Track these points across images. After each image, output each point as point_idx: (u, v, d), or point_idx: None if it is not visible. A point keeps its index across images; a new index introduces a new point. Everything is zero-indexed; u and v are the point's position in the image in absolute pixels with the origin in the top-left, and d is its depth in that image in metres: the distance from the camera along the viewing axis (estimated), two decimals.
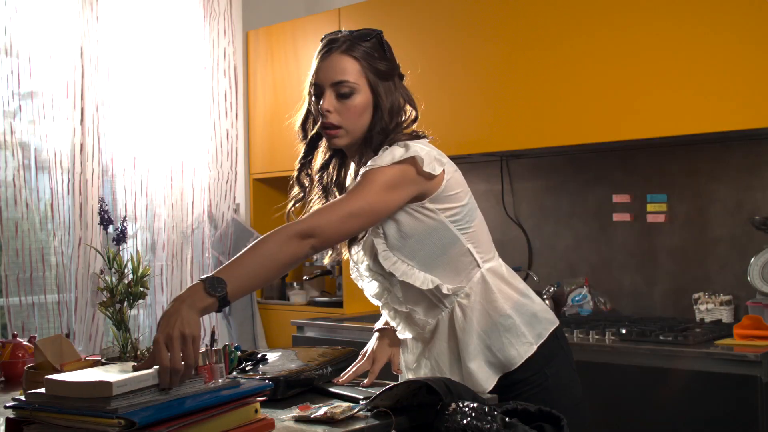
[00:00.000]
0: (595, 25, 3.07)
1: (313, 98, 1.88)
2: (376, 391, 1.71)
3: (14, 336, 2.44)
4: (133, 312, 2.41)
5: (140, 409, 1.31)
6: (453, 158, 3.93)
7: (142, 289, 1.91)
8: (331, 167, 1.95)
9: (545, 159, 3.61)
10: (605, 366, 2.73)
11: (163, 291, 3.85)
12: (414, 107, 1.95)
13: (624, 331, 2.83)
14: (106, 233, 2.03)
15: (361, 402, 1.68)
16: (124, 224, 1.98)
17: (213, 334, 1.97)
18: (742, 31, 2.75)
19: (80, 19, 3.56)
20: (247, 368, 1.99)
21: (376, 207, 1.73)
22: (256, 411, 1.49)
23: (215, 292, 1.53)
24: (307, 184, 1.95)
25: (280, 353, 2.14)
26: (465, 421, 1.48)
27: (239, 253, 1.62)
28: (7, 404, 1.42)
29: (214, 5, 4.07)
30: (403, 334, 1.98)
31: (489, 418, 1.48)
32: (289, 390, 1.86)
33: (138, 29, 3.79)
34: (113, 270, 1.90)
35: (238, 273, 1.57)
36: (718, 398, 2.49)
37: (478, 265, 1.85)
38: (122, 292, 1.88)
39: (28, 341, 2.36)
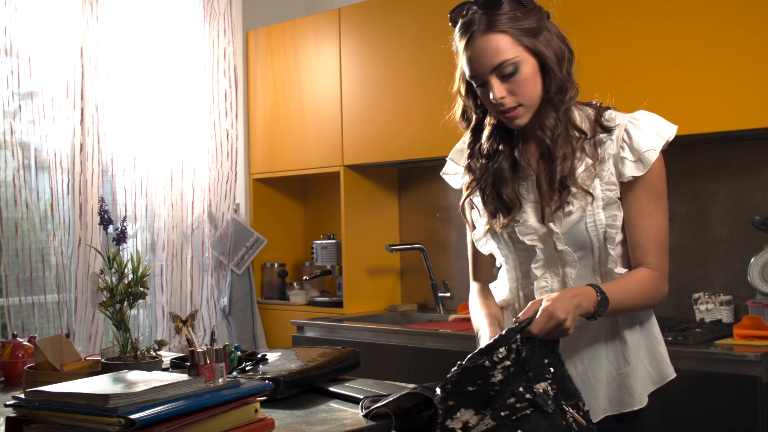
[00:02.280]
0: (594, 25, 3.07)
1: (477, 89, 1.70)
2: (376, 390, 1.71)
3: (14, 336, 2.44)
4: (133, 312, 2.41)
5: (140, 408, 1.31)
6: None
7: (142, 289, 1.91)
8: (500, 147, 1.77)
9: None
10: None
11: (163, 291, 3.85)
12: (567, 46, 1.73)
13: None
14: (106, 233, 2.03)
15: (363, 401, 1.68)
16: (124, 224, 1.99)
17: (213, 334, 1.97)
18: (742, 31, 2.75)
19: (80, 19, 3.56)
20: (247, 368, 1.99)
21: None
22: (256, 411, 1.49)
23: (598, 311, 1.60)
24: (476, 171, 1.80)
25: (280, 353, 2.15)
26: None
27: (626, 281, 1.66)
28: (8, 403, 1.43)
29: (214, 5, 4.07)
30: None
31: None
32: (289, 390, 1.86)
33: (138, 29, 3.79)
34: (113, 270, 1.90)
35: (619, 300, 1.62)
36: (718, 398, 2.49)
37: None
38: (122, 292, 1.88)
39: (28, 341, 2.36)
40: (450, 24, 1.74)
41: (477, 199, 1.84)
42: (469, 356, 1.53)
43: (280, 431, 1.54)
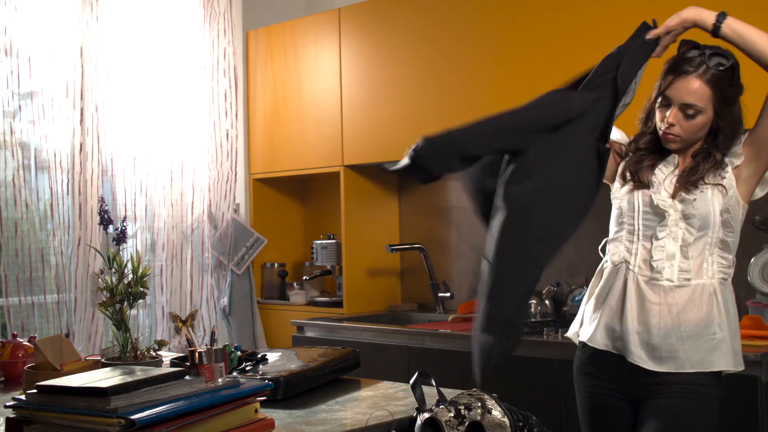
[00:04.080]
0: (594, 25, 3.07)
1: (660, 104, 2.06)
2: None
3: (14, 336, 2.44)
4: (133, 312, 2.41)
5: (140, 408, 1.31)
6: None
7: (142, 289, 1.91)
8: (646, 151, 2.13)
9: None
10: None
11: (163, 291, 3.85)
12: (741, 123, 2.12)
13: None
14: (106, 233, 2.03)
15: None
16: (124, 224, 1.99)
17: (213, 334, 1.97)
18: None
19: (80, 19, 3.56)
20: (247, 368, 1.99)
21: None
22: (256, 411, 1.49)
23: (718, 18, 2.01)
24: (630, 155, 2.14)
25: (280, 353, 2.15)
26: None
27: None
28: (7, 404, 1.43)
29: (214, 5, 4.07)
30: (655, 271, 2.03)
31: None
32: (289, 390, 1.86)
33: (138, 29, 3.79)
34: (113, 270, 1.90)
35: (743, 26, 2.05)
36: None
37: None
38: (122, 292, 1.88)
39: (28, 341, 2.36)
40: (680, 45, 2.10)
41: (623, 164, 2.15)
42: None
43: (280, 431, 1.54)
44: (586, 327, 2.10)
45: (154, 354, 1.93)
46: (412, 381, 1.63)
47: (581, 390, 2.12)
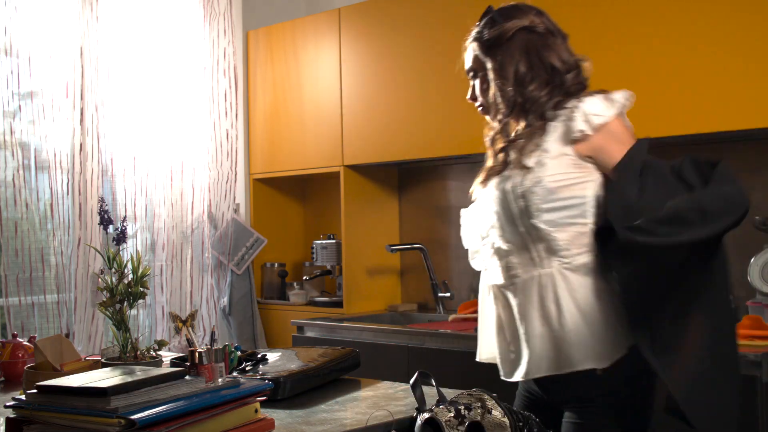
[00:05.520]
0: (595, 25, 3.07)
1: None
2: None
3: (14, 336, 2.44)
4: (133, 312, 2.41)
5: (140, 408, 1.31)
6: (454, 158, 3.94)
7: (142, 289, 1.91)
8: None
9: None
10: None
11: (163, 291, 3.85)
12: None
13: None
14: (106, 233, 2.03)
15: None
16: (124, 224, 1.99)
17: (213, 334, 1.97)
18: (742, 31, 2.75)
19: (80, 19, 3.56)
20: (247, 368, 1.99)
21: None
22: (256, 411, 1.49)
23: None
24: None
25: (280, 353, 2.15)
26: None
27: None
28: (7, 404, 1.43)
29: (214, 5, 4.07)
30: (490, 278, 1.92)
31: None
32: (289, 390, 1.86)
33: (138, 29, 3.79)
34: (113, 270, 1.90)
35: None
36: None
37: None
38: (122, 292, 1.88)
39: (28, 341, 2.36)
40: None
41: None
42: None
43: (280, 431, 1.54)
44: None
45: (154, 354, 1.93)
46: (412, 381, 1.63)
47: None
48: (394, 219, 4.10)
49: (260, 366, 2.00)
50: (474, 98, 2.02)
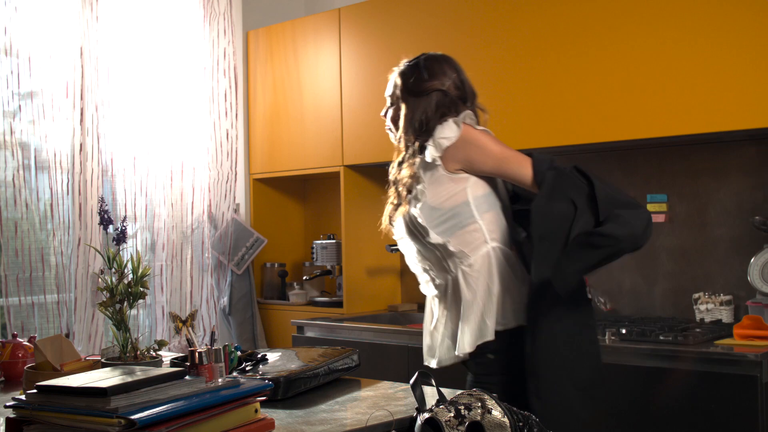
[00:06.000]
0: (595, 25, 3.07)
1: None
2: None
3: (14, 336, 2.44)
4: (133, 312, 2.41)
5: (140, 408, 1.31)
6: None
7: (142, 289, 1.91)
8: None
9: None
10: (605, 366, 2.73)
11: (163, 291, 3.85)
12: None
13: (624, 331, 2.83)
14: (106, 233, 2.03)
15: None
16: (124, 224, 1.99)
17: (213, 334, 1.97)
18: (742, 31, 2.75)
19: (80, 19, 3.56)
20: (247, 368, 1.99)
21: None
22: (256, 411, 1.49)
23: None
24: None
25: (280, 353, 2.15)
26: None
27: None
28: (7, 404, 1.43)
29: (214, 5, 4.07)
30: (426, 290, 2.33)
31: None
32: (289, 390, 1.86)
33: (138, 29, 3.79)
34: (113, 270, 1.90)
35: None
36: (718, 398, 2.49)
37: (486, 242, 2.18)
38: (122, 292, 1.88)
39: (28, 341, 2.36)
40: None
41: None
42: None
43: (280, 431, 1.54)
44: None
45: (154, 354, 1.93)
46: (412, 381, 1.63)
47: None
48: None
49: (260, 366, 2.00)
50: (386, 116, 2.43)
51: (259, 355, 2.08)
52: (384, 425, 1.57)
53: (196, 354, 1.55)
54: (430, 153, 2.20)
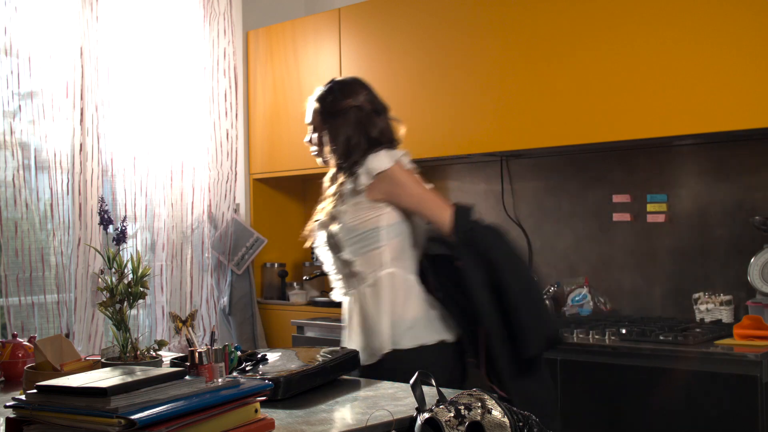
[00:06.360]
0: (594, 25, 3.07)
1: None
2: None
3: (14, 336, 2.44)
4: (133, 312, 2.41)
5: (140, 408, 1.31)
6: (453, 158, 3.93)
7: (142, 289, 1.91)
8: None
9: (545, 159, 3.61)
10: (605, 366, 2.73)
11: (163, 291, 3.85)
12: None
13: (624, 331, 2.83)
14: (106, 233, 2.03)
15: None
16: (124, 224, 1.98)
17: (213, 334, 1.97)
18: (742, 31, 2.75)
19: (80, 19, 3.56)
20: (247, 368, 1.99)
21: None
22: (256, 411, 1.49)
23: None
24: None
25: (280, 353, 2.15)
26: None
27: None
28: (7, 404, 1.42)
29: (214, 5, 4.07)
30: (338, 297, 2.52)
31: None
32: (289, 390, 1.86)
33: (138, 29, 3.79)
34: (113, 270, 1.90)
35: None
36: (718, 398, 2.49)
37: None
38: (122, 292, 1.88)
39: (28, 341, 2.36)
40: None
41: None
42: None
43: (279, 431, 1.54)
44: None
45: (154, 354, 1.93)
46: (412, 381, 1.63)
47: None
48: None
49: (260, 366, 2.00)
50: (311, 142, 2.58)
51: (259, 355, 2.08)
52: (384, 425, 1.57)
53: (196, 354, 1.55)
54: (359, 181, 2.36)
